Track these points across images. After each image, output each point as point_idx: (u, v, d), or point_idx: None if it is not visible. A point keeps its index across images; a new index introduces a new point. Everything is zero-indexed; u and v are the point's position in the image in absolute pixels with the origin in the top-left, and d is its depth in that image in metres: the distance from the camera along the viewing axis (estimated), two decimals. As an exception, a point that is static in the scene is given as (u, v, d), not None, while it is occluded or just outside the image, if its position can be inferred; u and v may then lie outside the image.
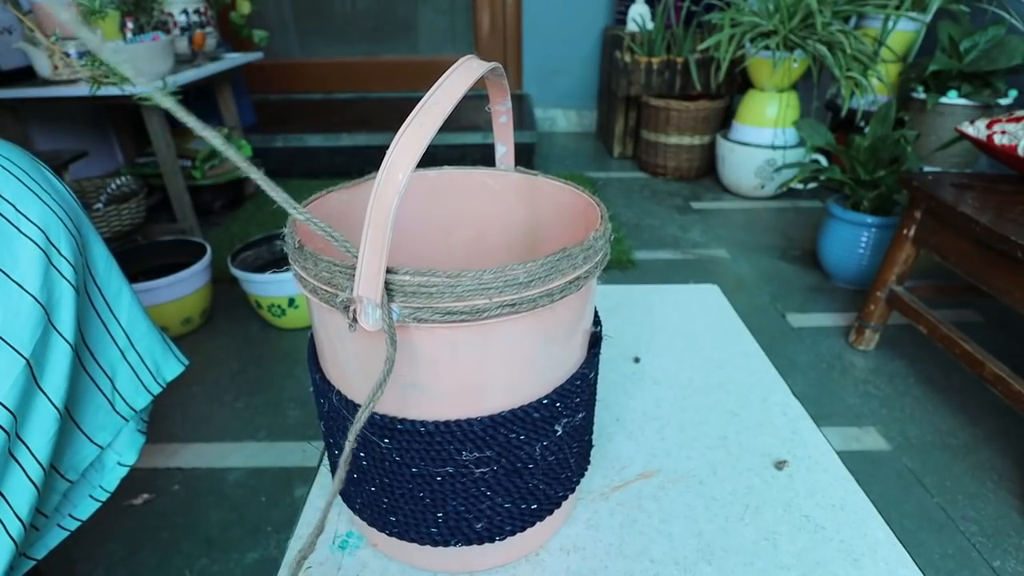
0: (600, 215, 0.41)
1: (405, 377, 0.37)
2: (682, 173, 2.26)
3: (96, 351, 0.51)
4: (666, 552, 0.47)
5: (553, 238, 0.50)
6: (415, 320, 0.33)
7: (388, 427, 0.38)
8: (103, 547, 0.81)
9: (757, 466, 0.54)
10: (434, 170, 0.53)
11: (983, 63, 1.58)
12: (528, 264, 0.33)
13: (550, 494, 0.44)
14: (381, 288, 0.31)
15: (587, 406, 0.46)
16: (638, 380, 0.66)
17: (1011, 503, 0.89)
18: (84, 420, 0.50)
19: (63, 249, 0.46)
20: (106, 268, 0.54)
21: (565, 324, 0.39)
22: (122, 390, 0.54)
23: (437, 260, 0.56)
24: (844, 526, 0.48)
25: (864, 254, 1.39)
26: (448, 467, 0.39)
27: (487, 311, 0.33)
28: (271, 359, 1.22)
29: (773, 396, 0.63)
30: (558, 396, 0.41)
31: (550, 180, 0.50)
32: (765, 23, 1.81)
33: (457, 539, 0.42)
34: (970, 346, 0.98)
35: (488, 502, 0.41)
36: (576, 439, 0.45)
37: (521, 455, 0.40)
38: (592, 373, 0.45)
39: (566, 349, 0.41)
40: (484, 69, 0.36)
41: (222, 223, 1.84)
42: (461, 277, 0.32)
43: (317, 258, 0.35)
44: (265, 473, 0.94)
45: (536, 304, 0.35)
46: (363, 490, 0.43)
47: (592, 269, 0.38)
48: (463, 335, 0.35)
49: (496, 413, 0.38)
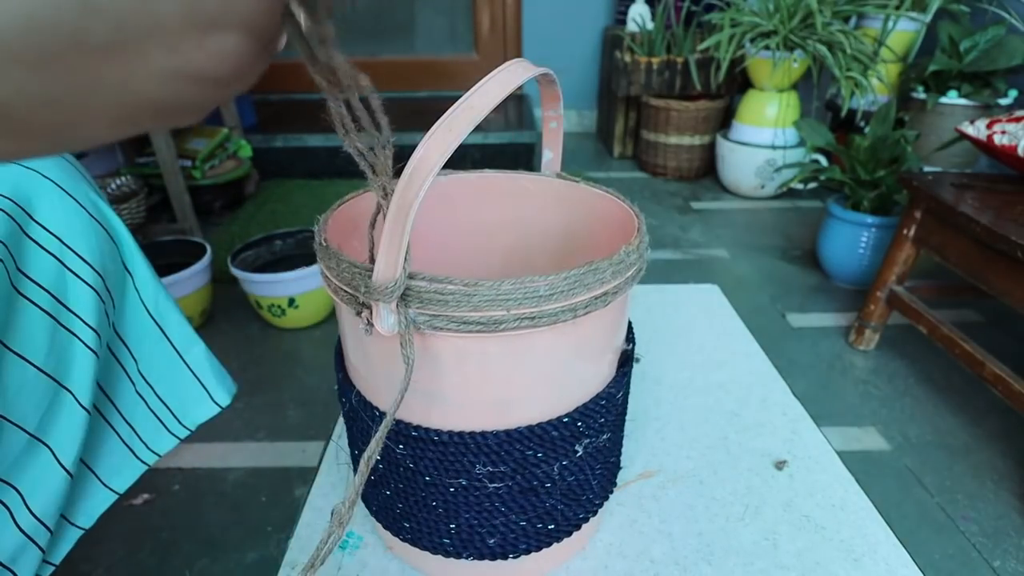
0: (637, 227, 0.39)
1: (420, 384, 0.36)
2: (682, 173, 2.26)
3: (117, 401, 0.52)
4: (666, 552, 0.47)
5: (591, 247, 0.49)
6: (431, 328, 0.32)
7: (402, 433, 0.38)
8: (103, 547, 0.81)
9: (757, 466, 0.54)
10: (474, 173, 0.51)
11: (983, 63, 1.58)
12: (550, 277, 0.32)
13: (569, 515, 0.42)
14: (397, 293, 0.30)
15: (613, 427, 0.43)
16: (639, 380, 0.66)
17: (1011, 503, 0.89)
18: (99, 467, 0.51)
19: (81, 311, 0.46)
20: (153, 298, 0.55)
21: (590, 340, 0.37)
22: (144, 436, 0.55)
23: (477, 264, 0.54)
24: (844, 526, 0.48)
25: (864, 254, 1.39)
26: (461, 479, 0.38)
27: (504, 323, 0.32)
28: (271, 359, 1.22)
29: (773, 396, 0.63)
30: (580, 415, 0.39)
31: (591, 188, 0.48)
32: (765, 23, 1.81)
33: (469, 552, 0.41)
34: (970, 346, 0.98)
35: (502, 518, 0.40)
36: (600, 460, 0.43)
37: (538, 473, 0.39)
38: (620, 393, 0.42)
39: (591, 366, 0.39)
40: (530, 74, 0.33)
41: (222, 223, 1.83)
42: (478, 286, 0.31)
43: (339, 258, 0.34)
44: (265, 473, 0.94)
45: (557, 319, 0.33)
46: (379, 493, 0.43)
47: (623, 284, 0.36)
48: (480, 346, 0.34)
49: (513, 428, 0.37)
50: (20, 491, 0.42)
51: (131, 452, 0.54)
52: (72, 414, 0.45)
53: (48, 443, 0.44)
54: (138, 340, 0.54)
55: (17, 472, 0.42)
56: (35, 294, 0.42)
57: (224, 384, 0.62)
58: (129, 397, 0.53)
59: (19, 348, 0.41)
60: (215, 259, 1.35)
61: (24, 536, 0.43)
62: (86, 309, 0.46)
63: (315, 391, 1.13)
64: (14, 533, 0.42)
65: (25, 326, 0.41)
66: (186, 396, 0.58)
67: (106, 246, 0.50)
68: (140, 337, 0.54)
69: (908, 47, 1.86)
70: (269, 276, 1.22)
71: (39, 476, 0.44)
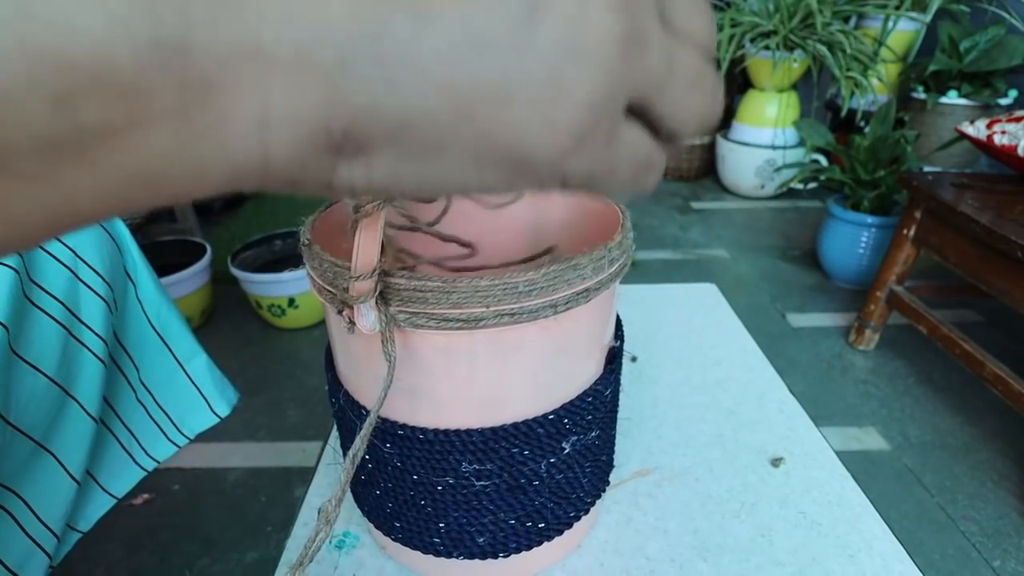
0: (621, 222, 0.39)
1: (403, 382, 0.36)
2: (682, 173, 2.26)
3: (118, 407, 0.53)
4: (662, 549, 0.47)
5: (576, 243, 0.49)
6: (411, 325, 0.32)
7: (389, 432, 0.38)
8: (103, 547, 0.81)
9: (753, 463, 0.54)
10: None
11: (983, 63, 1.58)
12: (529, 273, 0.32)
13: (559, 514, 0.42)
14: (375, 291, 0.31)
15: (602, 425, 0.43)
16: (635, 379, 0.66)
17: (1011, 503, 0.89)
18: (99, 472, 0.51)
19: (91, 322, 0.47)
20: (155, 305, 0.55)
21: (575, 337, 0.37)
22: (143, 442, 0.55)
23: (472, 263, 0.54)
24: (840, 522, 0.48)
25: (864, 254, 1.39)
26: (448, 477, 0.38)
27: (484, 319, 0.32)
28: (271, 359, 1.22)
29: (770, 394, 0.63)
30: (566, 412, 0.39)
31: None
32: (765, 23, 1.82)
33: (460, 552, 0.41)
34: (970, 346, 0.97)
35: (491, 516, 0.40)
36: (589, 459, 0.42)
37: (525, 471, 0.39)
38: (608, 390, 0.42)
39: (576, 363, 0.39)
40: None
41: (222, 223, 1.84)
42: (457, 283, 0.31)
43: (322, 258, 0.34)
44: (265, 473, 0.94)
45: (538, 315, 0.33)
46: (370, 493, 0.43)
47: (605, 281, 0.36)
48: (461, 343, 0.34)
49: (498, 425, 0.37)
50: (25, 499, 0.42)
51: (131, 458, 0.54)
52: (79, 423, 0.46)
53: (54, 451, 0.44)
54: (139, 348, 0.54)
55: (22, 480, 0.43)
56: (48, 304, 0.43)
57: (224, 395, 0.62)
58: (130, 404, 0.54)
59: (31, 358, 0.41)
60: (215, 259, 1.36)
61: (32, 542, 0.43)
62: (96, 319, 0.46)
63: (315, 391, 1.13)
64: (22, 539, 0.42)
65: (37, 336, 0.42)
66: (186, 405, 0.59)
67: (113, 254, 0.51)
68: (141, 345, 0.54)
69: (908, 47, 1.86)
70: (269, 276, 1.22)
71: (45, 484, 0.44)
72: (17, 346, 0.40)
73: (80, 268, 0.46)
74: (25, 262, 0.41)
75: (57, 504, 0.45)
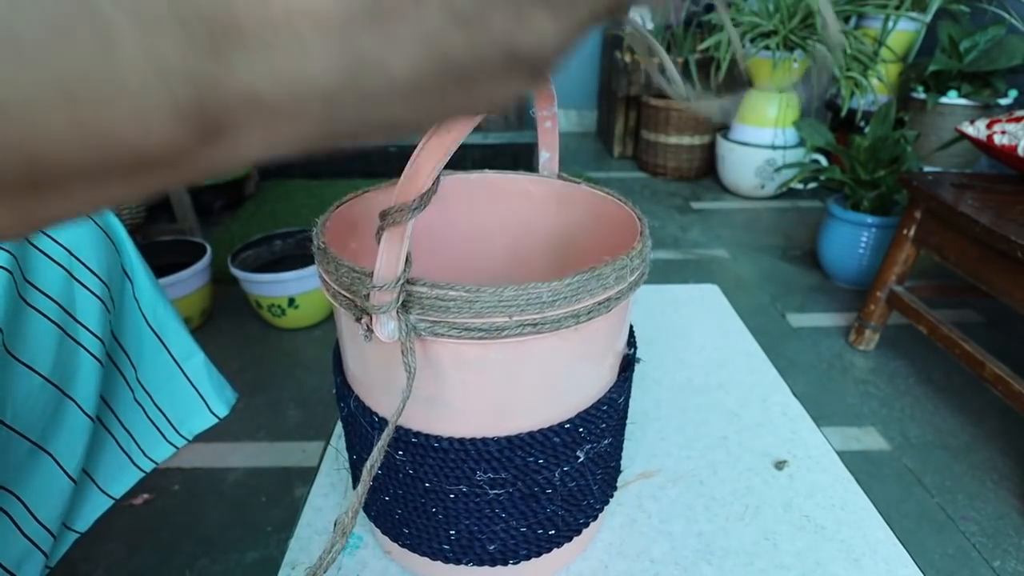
0: (640, 230, 0.38)
1: (420, 391, 0.35)
2: (682, 173, 2.26)
3: (116, 408, 0.52)
4: (666, 552, 0.47)
5: (593, 250, 0.48)
6: (432, 334, 0.32)
7: (402, 439, 0.37)
8: (103, 547, 0.81)
9: (757, 466, 0.54)
10: (474, 173, 0.50)
11: (983, 63, 1.59)
12: (552, 283, 0.31)
13: (569, 521, 0.42)
14: (397, 299, 0.30)
15: (614, 432, 0.43)
16: (638, 380, 0.66)
17: (1011, 503, 0.89)
18: (97, 473, 0.51)
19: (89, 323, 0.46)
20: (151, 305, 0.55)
21: (593, 346, 0.37)
22: (141, 443, 0.55)
23: (477, 267, 0.53)
24: (844, 526, 0.48)
25: (864, 254, 1.39)
26: (462, 485, 0.38)
27: (507, 329, 0.31)
28: (271, 359, 1.22)
29: (773, 396, 0.63)
30: (582, 421, 0.38)
31: (593, 189, 0.47)
32: (765, 23, 1.81)
33: (469, 559, 0.41)
34: (970, 346, 0.98)
35: (502, 524, 0.40)
36: (600, 466, 0.42)
37: (539, 479, 0.39)
38: (622, 398, 0.42)
39: (593, 372, 0.39)
40: None
41: (222, 223, 1.84)
42: (480, 292, 0.30)
43: (338, 262, 0.33)
44: (265, 473, 0.94)
45: (560, 325, 0.32)
46: (378, 498, 0.42)
47: (625, 290, 0.35)
48: (481, 352, 0.33)
49: (514, 435, 0.37)
50: (23, 498, 0.42)
51: (129, 459, 0.54)
52: (76, 423, 0.45)
53: (51, 451, 0.44)
54: (137, 348, 0.54)
55: (19, 480, 0.42)
56: (43, 304, 0.42)
57: (222, 395, 0.62)
58: (127, 404, 0.53)
59: (27, 358, 0.41)
60: (215, 259, 1.35)
61: (29, 542, 0.43)
62: (92, 319, 0.46)
63: (315, 391, 1.13)
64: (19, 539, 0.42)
65: (32, 336, 0.41)
66: (183, 406, 0.59)
67: (110, 254, 0.50)
68: (139, 345, 0.54)
69: (908, 47, 1.86)
70: (269, 276, 1.22)
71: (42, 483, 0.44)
72: (12, 346, 0.40)
73: (76, 267, 0.45)
74: (19, 262, 0.41)
75: (54, 504, 0.45)
